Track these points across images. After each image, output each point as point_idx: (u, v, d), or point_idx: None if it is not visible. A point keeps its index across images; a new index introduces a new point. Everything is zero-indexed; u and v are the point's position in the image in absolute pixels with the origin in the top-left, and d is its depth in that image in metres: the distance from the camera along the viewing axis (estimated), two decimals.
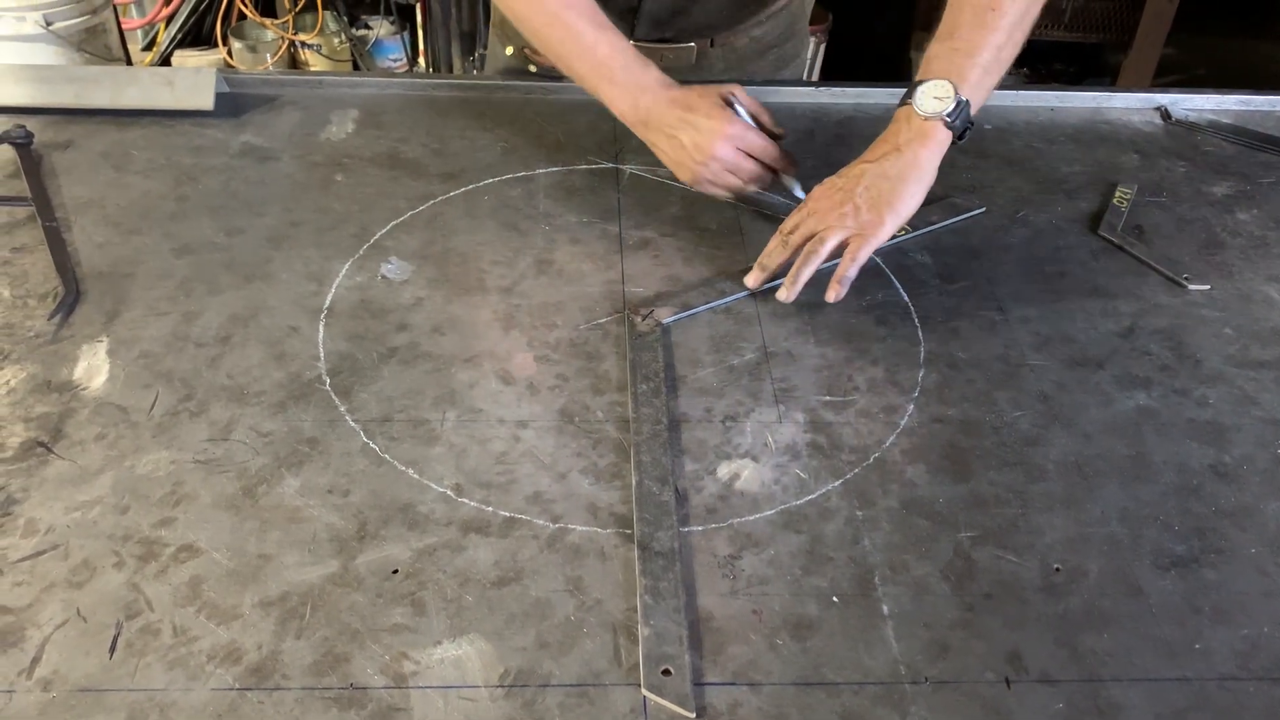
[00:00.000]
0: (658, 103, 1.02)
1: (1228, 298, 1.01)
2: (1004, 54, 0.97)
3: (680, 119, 1.01)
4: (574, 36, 1.04)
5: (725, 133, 1.00)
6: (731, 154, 1.01)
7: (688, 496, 0.78)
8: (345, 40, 3.23)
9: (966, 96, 0.95)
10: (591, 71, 1.05)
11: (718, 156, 1.00)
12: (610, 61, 1.04)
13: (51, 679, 0.63)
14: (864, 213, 0.94)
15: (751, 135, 1.02)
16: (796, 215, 0.98)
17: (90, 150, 1.15)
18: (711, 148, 1.00)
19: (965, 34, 0.96)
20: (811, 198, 0.99)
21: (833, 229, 0.94)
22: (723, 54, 1.31)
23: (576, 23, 1.04)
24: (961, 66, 0.95)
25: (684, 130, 1.01)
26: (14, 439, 0.79)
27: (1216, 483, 0.81)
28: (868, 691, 0.65)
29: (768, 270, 0.98)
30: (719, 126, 1.00)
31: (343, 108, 1.26)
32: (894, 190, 0.94)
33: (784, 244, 0.97)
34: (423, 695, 0.63)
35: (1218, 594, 0.72)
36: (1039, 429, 0.85)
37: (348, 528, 0.74)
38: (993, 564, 0.74)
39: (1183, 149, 1.26)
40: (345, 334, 0.91)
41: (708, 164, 1.01)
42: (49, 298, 0.93)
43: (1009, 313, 0.97)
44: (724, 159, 1.01)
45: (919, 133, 0.95)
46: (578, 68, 1.06)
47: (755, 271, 0.98)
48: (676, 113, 1.01)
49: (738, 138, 1.01)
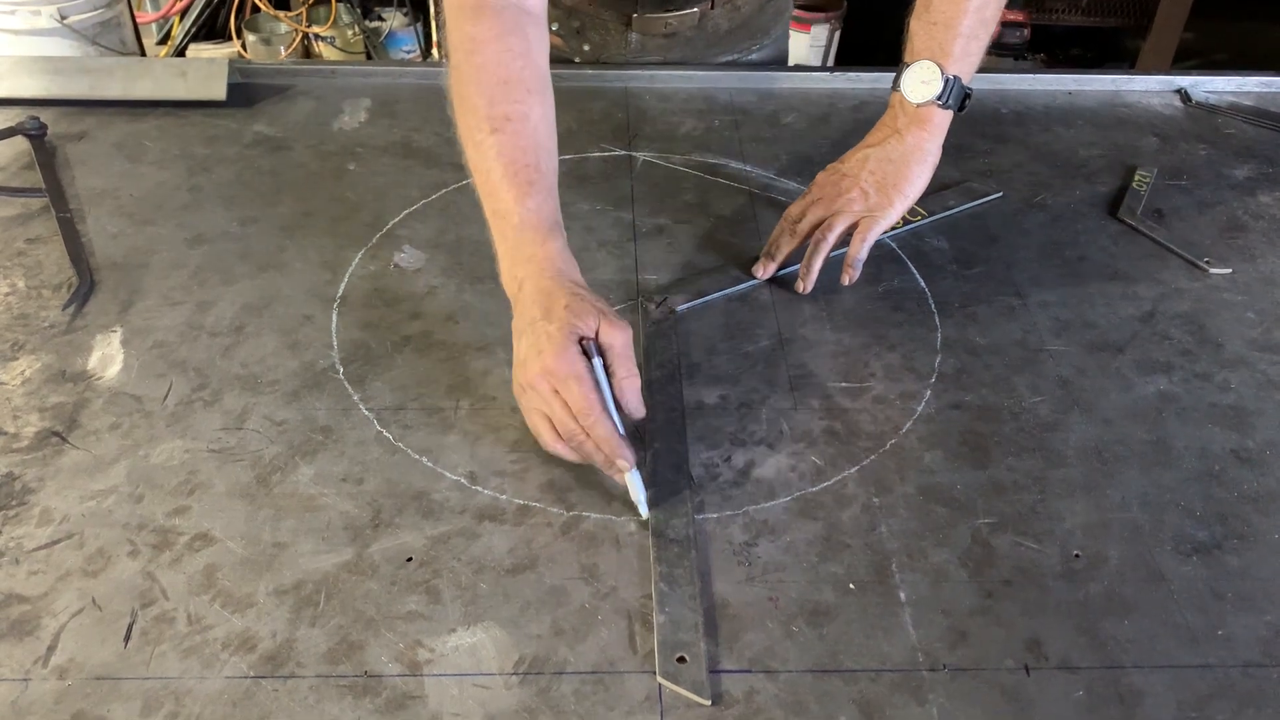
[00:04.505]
0: (527, 287, 0.79)
1: (1250, 281, 1.00)
2: (987, 12, 0.93)
3: (531, 320, 0.76)
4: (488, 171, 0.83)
5: (548, 367, 0.74)
6: (547, 392, 0.74)
7: (702, 483, 0.77)
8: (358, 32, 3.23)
9: (954, 73, 0.92)
10: (491, 215, 0.84)
11: (533, 386, 0.75)
12: (511, 214, 0.81)
13: (67, 667, 0.63)
14: (871, 196, 0.93)
15: (581, 391, 0.73)
16: (801, 203, 0.97)
17: (104, 141, 1.15)
18: (528, 374, 0.75)
19: (940, 5, 0.93)
20: (816, 185, 0.98)
21: (840, 214, 0.94)
22: (725, 13, 1.30)
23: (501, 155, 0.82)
24: (942, 41, 0.93)
25: (526, 334, 0.77)
26: (29, 428, 0.79)
27: (1239, 468, 0.80)
28: (885, 679, 0.64)
29: (775, 260, 0.97)
30: (548, 357, 0.74)
31: (355, 97, 1.26)
32: (899, 172, 0.94)
33: (791, 232, 0.96)
34: (437, 683, 0.63)
35: (1240, 580, 0.71)
36: (1058, 414, 0.84)
37: (362, 516, 0.74)
38: (1012, 550, 0.73)
39: (1203, 132, 1.25)
40: (359, 323, 0.91)
41: (524, 389, 0.77)
42: (63, 288, 0.93)
43: (1027, 298, 0.96)
44: (540, 392, 0.75)
45: (915, 118, 0.94)
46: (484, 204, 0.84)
47: (763, 261, 0.97)
48: (533, 311, 0.77)
49: (560, 380, 0.74)
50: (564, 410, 0.74)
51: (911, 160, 0.94)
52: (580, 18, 1.30)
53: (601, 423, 0.72)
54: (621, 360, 0.76)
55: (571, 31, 1.30)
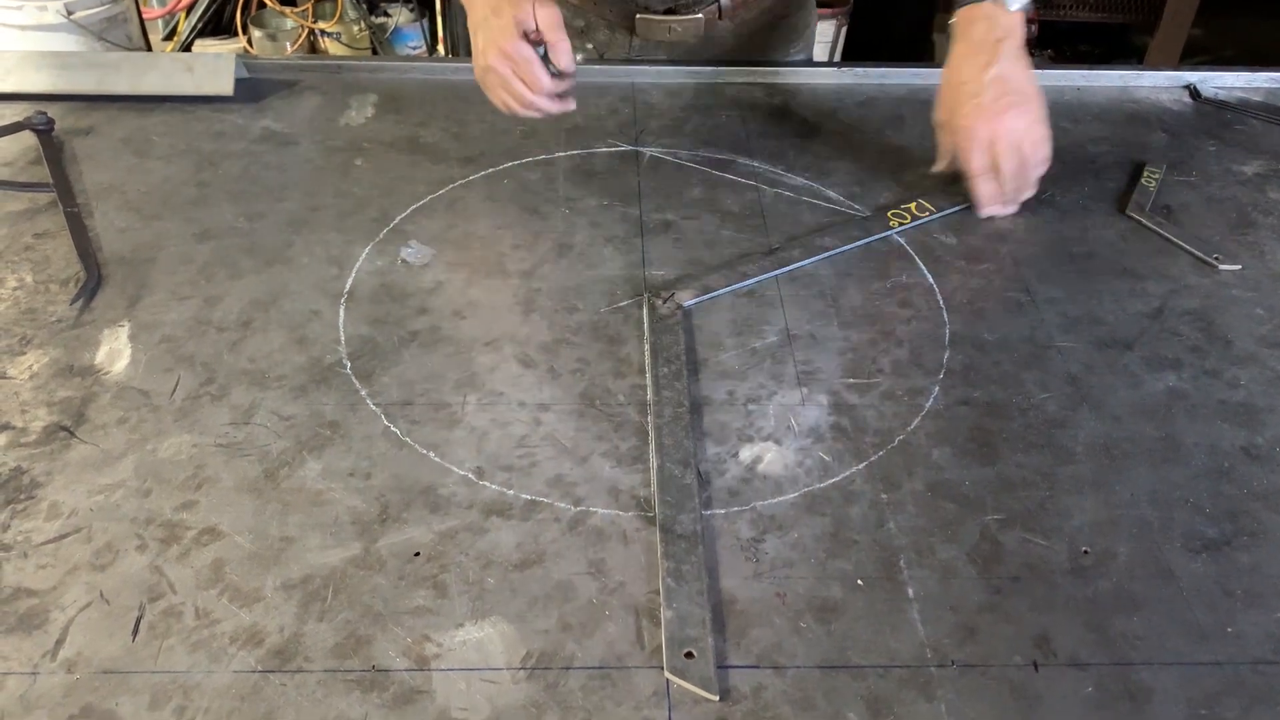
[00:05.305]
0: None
1: (1259, 277, 0.99)
2: None
3: (483, 18, 1.02)
4: None
5: (501, 48, 1.00)
6: (506, 71, 1.01)
7: (710, 479, 0.77)
8: (365, 28, 3.23)
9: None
10: None
11: (492, 67, 1.02)
12: None
13: (75, 661, 0.63)
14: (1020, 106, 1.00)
15: (531, 67, 1.01)
16: (978, 151, 1.02)
17: (111, 136, 1.15)
18: (487, 57, 1.02)
19: None
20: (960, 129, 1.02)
21: (1021, 142, 1.01)
22: (732, 25, 1.30)
23: None
24: None
25: (481, 30, 1.02)
26: (37, 423, 0.79)
27: (1248, 464, 0.80)
28: (893, 675, 0.64)
29: (1002, 197, 1.05)
30: (499, 41, 1.00)
31: (362, 92, 1.26)
32: (1024, 74, 1.01)
33: (995, 179, 1.03)
34: (445, 677, 0.63)
35: (1250, 577, 0.71)
36: (1067, 411, 0.84)
37: (369, 511, 0.74)
38: (1020, 547, 0.73)
39: (1212, 127, 1.24)
40: (366, 318, 0.91)
41: (485, 72, 1.03)
42: (71, 283, 0.93)
43: (1036, 294, 0.96)
44: (499, 72, 1.02)
45: (1009, 27, 1.00)
46: None
47: (992, 208, 1.06)
48: (484, 10, 1.01)
49: (514, 59, 1.01)
50: (520, 85, 1.01)
51: (1024, 61, 1.01)
52: (584, 17, 1.29)
53: (544, 83, 1.02)
54: (553, 29, 1.00)
55: (575, 31, 1.30)
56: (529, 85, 1.01)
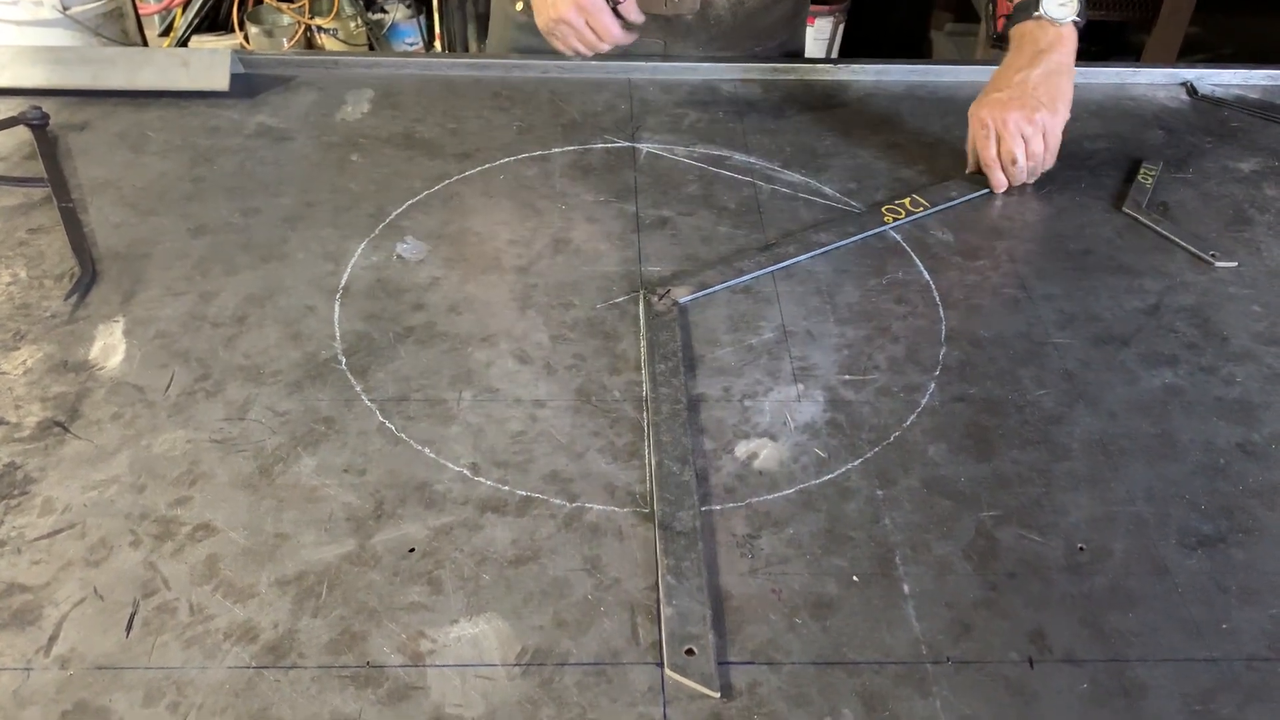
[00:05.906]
0: None
1: (1256, 274, 0.99)
2: None
3: None
4: None
5: (580, 4, 1.09)
6: (579, 22, 1.10)
7: (706, 476, 0.77)
8: (361, 24, 3.23)
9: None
10: None
11: (565, 18, 1.10)
12: None
13: (69, 657, 0.63)
14: (1044, 107, 1.06)
15: (603, 17, 1.10)
16: (989, 141, 1.07)
17: (106, 131, 1.15)
18: (559, 9, 1.10)
19: None
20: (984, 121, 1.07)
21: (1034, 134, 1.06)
22: (729, 7, 1.30)
23: None
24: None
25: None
26: (31, 418, 0.79)
27: (1244, 461, 0.80)
28: (889, 671, 0.64)
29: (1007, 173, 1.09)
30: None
31: (358, 88, 1.25)
32: (1059, 85, 1.07)
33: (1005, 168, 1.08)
34: (440, 674, 0.63)
35: (1245, 574, 0.71)
36: (1063, 407, 0.84)
37: (364, 507, 0.73)
38: (1016, 543, 0.72)
39: (1209, 124, 1.24)
40: (361, 314, 0.91)
41: (556, 23, 1.11)
42: (65, 278, 0.93)
43: (1032, 290, 0.96)
44: (573, 23, 1.10)
45: (1057, 38, 1.07)
46: None
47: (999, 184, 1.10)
48: None
49: (588, 10, 1.09)
50: (592, 35, 1.11)
51: (1064, 73, 1.07)
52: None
53: (617, 33, 1.12)
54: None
55: None
56: (600, 34, 1.11)
